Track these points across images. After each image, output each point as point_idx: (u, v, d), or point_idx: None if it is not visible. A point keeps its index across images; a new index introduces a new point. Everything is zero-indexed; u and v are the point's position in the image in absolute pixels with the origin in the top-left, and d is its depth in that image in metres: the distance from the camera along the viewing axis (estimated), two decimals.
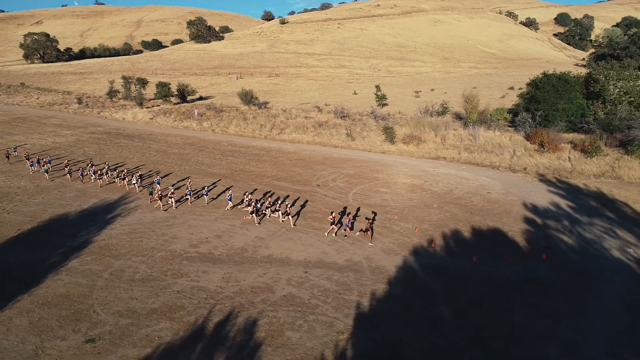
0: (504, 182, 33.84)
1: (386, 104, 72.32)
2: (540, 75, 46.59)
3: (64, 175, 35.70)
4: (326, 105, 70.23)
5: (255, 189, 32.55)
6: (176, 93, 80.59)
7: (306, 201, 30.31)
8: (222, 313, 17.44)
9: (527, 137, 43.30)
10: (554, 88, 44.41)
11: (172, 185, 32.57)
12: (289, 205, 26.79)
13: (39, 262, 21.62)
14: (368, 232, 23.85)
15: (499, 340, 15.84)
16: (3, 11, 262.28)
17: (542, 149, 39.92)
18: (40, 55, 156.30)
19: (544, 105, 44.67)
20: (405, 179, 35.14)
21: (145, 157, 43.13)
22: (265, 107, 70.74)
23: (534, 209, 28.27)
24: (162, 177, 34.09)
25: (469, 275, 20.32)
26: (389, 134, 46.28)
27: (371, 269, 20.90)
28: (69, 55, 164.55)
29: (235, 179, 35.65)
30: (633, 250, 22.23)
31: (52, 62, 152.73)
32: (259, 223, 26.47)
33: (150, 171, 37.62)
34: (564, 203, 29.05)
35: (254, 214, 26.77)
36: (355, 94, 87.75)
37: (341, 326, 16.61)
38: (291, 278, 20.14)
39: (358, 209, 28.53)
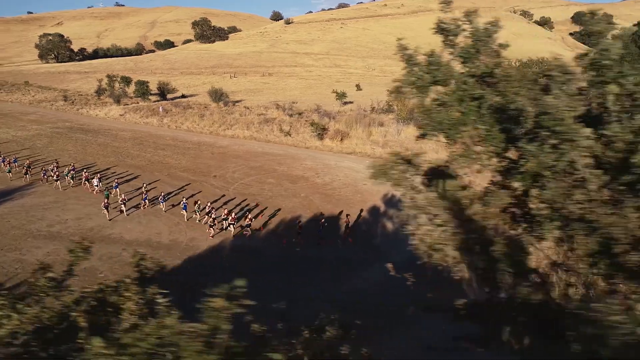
0: None
1: (350, 102, 73.78)
2: None
3: (21, 176, 34.36)
4: (293, 103, 72.01)
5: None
6: (157, 91, 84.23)
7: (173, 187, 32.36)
8: (14, 281, 19.61)
9: None
10: None
11: (125, 193, 29.73)
12: (251, 218, 24.65)
13: None
14: (347, 230, 23.89)
15: None
16: (32, 13, 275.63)
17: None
18: (54, 55, 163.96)
19: None
20: (299, 171, 36.69)
21: (83, 149, 45.99)
22: (233, 105, 73.13)
23: (391, 199, 29.41)
24: (119, 183, 32.02)
25: (265, 254, 21.96)
26: (317, 130, 47.76)
27: (184, 248, 22.79)
28: (82, 56, 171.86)
29: (144, 169, 37.91)
30: None
31: (65, 62, 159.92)
32: (212, 237, 24.10)
33: (114, 173, 36.21)
34: None
35: (213, 227, 24.22)
36: (333, 92, 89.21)
37: None
38: (105, 254, 22.19)
39: (340, 212, 27.41)
